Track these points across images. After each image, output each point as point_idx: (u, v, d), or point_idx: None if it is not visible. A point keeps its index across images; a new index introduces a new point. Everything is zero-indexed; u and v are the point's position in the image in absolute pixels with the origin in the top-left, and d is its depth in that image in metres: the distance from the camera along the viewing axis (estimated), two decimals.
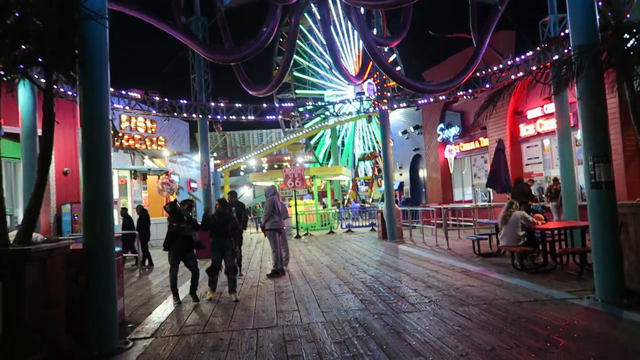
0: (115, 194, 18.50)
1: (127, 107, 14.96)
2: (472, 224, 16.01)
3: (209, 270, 8.21)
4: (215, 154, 52.03)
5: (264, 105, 16.94)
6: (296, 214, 21.85)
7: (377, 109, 17.06)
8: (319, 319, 6.34)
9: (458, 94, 15.56)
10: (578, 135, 15.73)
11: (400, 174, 30.44)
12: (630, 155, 13.14)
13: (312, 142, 58.39)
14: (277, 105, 17.13)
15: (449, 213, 14.76)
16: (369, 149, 53.89)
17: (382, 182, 18.11)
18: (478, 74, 15.08)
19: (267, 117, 17.34)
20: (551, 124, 16.33)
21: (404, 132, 28.51)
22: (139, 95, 15.08)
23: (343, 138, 55.87)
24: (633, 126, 6.76)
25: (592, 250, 6.41)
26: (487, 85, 14.79)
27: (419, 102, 16.46)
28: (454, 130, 22.56)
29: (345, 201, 47.15)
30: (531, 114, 17.10)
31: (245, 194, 58.82)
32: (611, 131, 13.84)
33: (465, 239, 13.62)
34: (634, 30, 6.67)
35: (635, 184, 13.10)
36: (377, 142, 50.01)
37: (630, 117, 13.19)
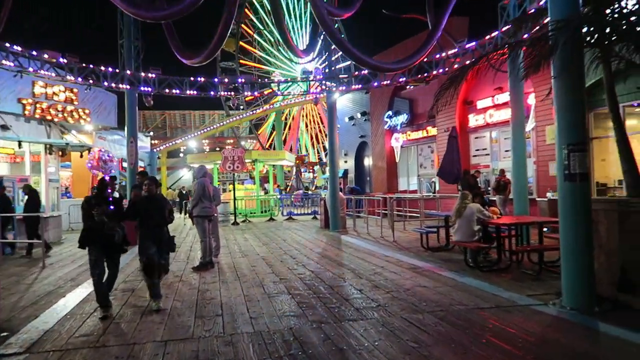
0: (27, 171, 16.36)
1: (41, 71, 12.97)
2: (418, 215, 15.38)
3: (147, 270, 6.10)
4: (152, 133, 49.16)
5: (202, 79, 15.39)
6: (234, 199, 20.48)
7: (324, 91, 15.99)
8: (246, 328, 5.20)
9: (410, 78, 14.76)
10: (527, 127, 15.46)
11: (345, 162, 29.66)
12: None
13: (257, 127, 56.64)
14: (216, 79, 15.59)
15: (394, 203, 14.05)
16: (315, 135, 52.91)
17: (327, 168, 17.18)
18: (431, 58, 14.34)
19: (207, 92, 15.80)
20: (501, 115, 15.95)
21: (351, 118, 27.68)
22: (54, 59, 13.13)
23: (289, 122, 54.48)
24: (608, 113, 6.04)
25: (562, 251, 5.66)
26: (441, 70, 14.07)
27: (370, 84, 15.51)
28: (402, 118, 21.93)
29: (288, 187, 46.03)
30: (481, 104, 16.66)
31: (185, 176, 56.36)
32: None
33: (412, 231, 12.89)
34: (615, 6, 5.91)
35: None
36: (323, 126, 49.14)
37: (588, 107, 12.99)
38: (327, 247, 11.86)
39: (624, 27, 5.48)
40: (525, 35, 8.63)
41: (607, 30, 5.86)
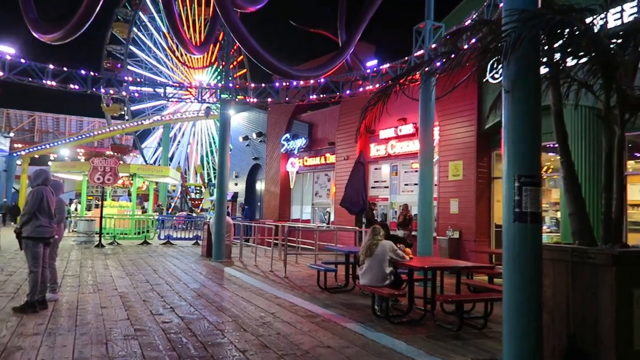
0: None
1: None
2: (313, 248, 14.00)
3: None
4: (12, 135, 42.81)
5: (65, 69, 12.74)
6: (101, 216, 17.50)
7: (218, 103, 14.20)
8: None
9: (315, 97, 13.55)
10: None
11: (236, 184, 27.68)
12: (482, 188, 12.47)
13: (143, 141, 52.39)
14: (83, 72, 13.01)
15: (289, 233, 12.53)
16: (206, 154, 50.09)
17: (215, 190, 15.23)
18: (339, 79, 13.31)
19: (72, 85, 13.12)
20: (403, 147, 15.36)
21: (245, 137, 25.95)
22: None
23: (178, 138, 51.07)
24: (550, 146, 5.10)
25: (506, 307, 4.49)
26: (348, 92, 13.06)
27: (270, 98, 14.02)
28: (300, 142, 20.73)
29: (171, 207, 42.56)
30: (384, 133, 16.00)
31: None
32: (465, 156, 13.24)
33: (308, 267, 11.41)
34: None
35: (483, 222, 12.41)
36: (216, 145, 46.63)
37: (485, 143, 12.70)
38: (206, 281, 9.89)
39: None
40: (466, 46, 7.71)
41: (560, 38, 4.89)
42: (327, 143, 19.28)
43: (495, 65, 11.84)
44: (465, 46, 5.67)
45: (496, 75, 12.02)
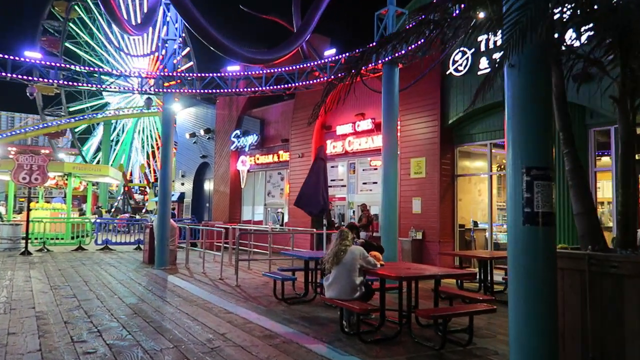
0: None
1: None
2: (267, 252, 12.94)
3: None
4: None
5: None
6: (27, 220, 15.63)
7: (160, 95, 12.86)
8: None
9: (265, 88, 12.49)
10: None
11: (183, 184, 26.08)
12: (446, 186, 11.85)
13: (82, 142, 49.28)
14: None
15: (241, 236, 11.35)
16: (151, 148, 47.62)
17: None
18: (294, 69, 12.33)
19: None
20: (361, 144, 14.57)
21: (192, 134, 24.42)
22: None
23: (119, 134, 48.29)
24: (554, 134, 4.32)
25: (511, 326, 3.68)
26: (303, 83, 12.10)
27: (220, 90, 12.81)
28: (251, 139, 19.55)
29: (113, 209, 40.05)
30: (341, 129, 15.16)
31: None
32: (427, 153, 12.59)
33: (262, 275, 10.38)
34: None
35: (447, 222, 11.79)
36: (159, 139, 44.43)
37: (448, 139, 12.09)
38: (146, 294, 8.63)
39: None
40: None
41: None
42: (281, 140, 18.25)
43: (460, 56, 11.29)
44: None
45: (460, 68, 11.46)
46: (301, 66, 12.01)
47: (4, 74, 11.57)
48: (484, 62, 10.87)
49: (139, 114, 40.76)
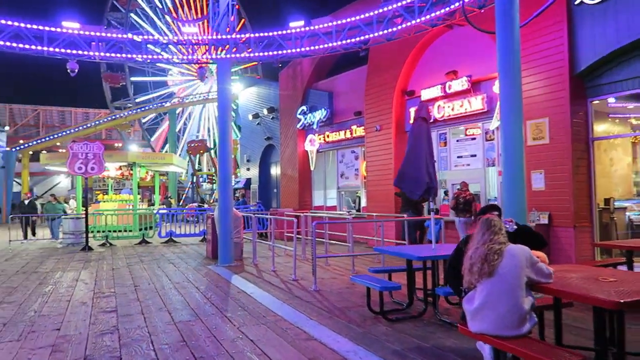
0: None
1: None
2: (344, 243, 10.82)
3: None
4: (7, 128, 40.33)
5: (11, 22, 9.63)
6: (86, 214, 14.51)
7: (213, 59, 10.96)
8: None
9: (337, 42, 10.18)
10: (491, 126, 11.60)
11: (248, 169, 24.57)
12: (579, 154, 9.05)
13: (151, 133, 49.88)
14: (35, 27, 9.89)
15: (318, 225, 9.13)
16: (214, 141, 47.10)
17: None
18: (370, 14, 9.93)
19: (23, 44, 9.99)
20: (454, 108, 11.96)
21: (256, 115, 22.71)
22: None
23: (185, 122, 48.24)
24: None
25: None
26: (383, 33, 9.68)
27: (282, 52, 10.68)
28: (319, 115, 17.40)
29: (182, 199, 39.72)
30: (427, 94, 12.59)
31: (62, 183, 47.79)
32: (550, 111, 9.77)
33: (352, 280, 8.28)
34: None
35: (582, 202, 9.01)
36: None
37: (580, 92, 9.21)
38: (202, 305, 6.74)
39: None
40: None
41: None
42: (353, 113, 15.95)
43: None
44: None
45: None
46: (380, 11, 9.59)
47: (40, 47, 10.12)
48: None
49: (202, 100, 40.01)
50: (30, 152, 35.67)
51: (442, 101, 12.24)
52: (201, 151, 35.46)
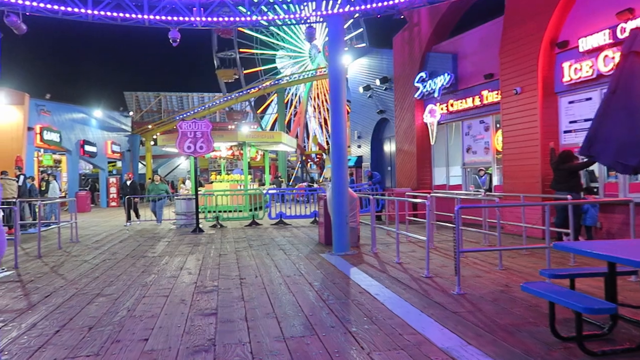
0: None
1: None
2: (494, 234, 8.86)
3: None
4: (132, 113, 43.04)
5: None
6: (196, 195, 14.06)
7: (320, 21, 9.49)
8: None
9: None
10: None
11: (359, 146, 23.07)
12: None
13: (260, 111, 50.63)
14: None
15: (459, 212, 7.26)
16: (325, 120, 46.36)
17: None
18: None
19: (122, 13, 9.31)
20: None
21: (367, 88, 21.02)
22: None
23: (295, 104, 48.18)
24: None
25: None
26: None
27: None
28: (441, 81, 15.20)
29: (291, 179, 39.62)
30: (588, 42, 9.95)
31: (182, 165, 50.53)
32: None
33: (523, 289, 6.45)
34: None
35: None
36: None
37: None
38: (317, 311, 5.33)
39: None
40: None
41: None
42: (483, 76, 13.58)
43: None
44: None
45: None
46: None
47: (141, 16, 9.37)
48: None
49: (310, 77, 39.24)
50: (154, 136, 37.62)
51: (610, 50, 9.53)
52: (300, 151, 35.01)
